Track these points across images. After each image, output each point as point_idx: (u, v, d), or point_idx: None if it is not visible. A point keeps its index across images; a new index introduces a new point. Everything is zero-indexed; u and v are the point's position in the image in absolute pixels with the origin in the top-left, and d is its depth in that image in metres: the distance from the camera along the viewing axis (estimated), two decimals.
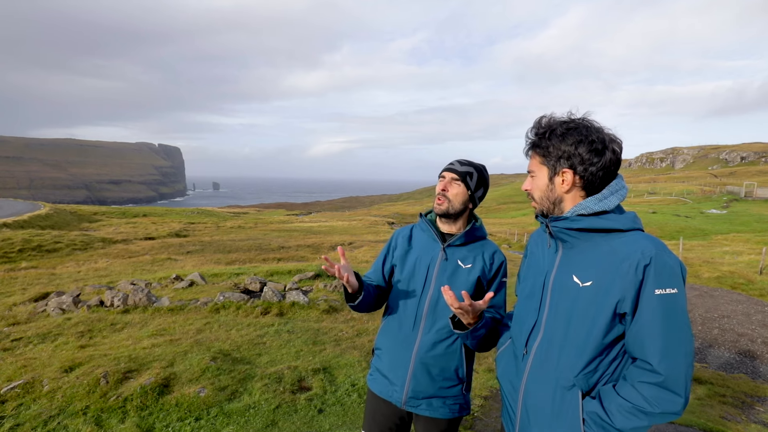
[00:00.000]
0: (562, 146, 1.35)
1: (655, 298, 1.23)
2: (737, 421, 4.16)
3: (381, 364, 1.91)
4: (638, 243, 1.28)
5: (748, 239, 22.44)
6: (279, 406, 3.47)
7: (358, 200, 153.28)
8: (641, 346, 1.26)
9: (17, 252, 18.36)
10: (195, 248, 19.67)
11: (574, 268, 1.37)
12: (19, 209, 35.88)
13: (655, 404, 1.22)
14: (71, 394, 3.46)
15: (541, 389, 1.39)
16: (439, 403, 1.82)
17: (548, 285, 1.43)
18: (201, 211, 57.34)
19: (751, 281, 11.97)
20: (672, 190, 57.07)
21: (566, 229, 1.37)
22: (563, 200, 1.40)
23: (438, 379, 1.80)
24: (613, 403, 1.27)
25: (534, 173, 1.45)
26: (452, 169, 1.82)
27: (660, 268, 1.24)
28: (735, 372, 5.95)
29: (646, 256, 1.24)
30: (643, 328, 1.25)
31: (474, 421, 3.51)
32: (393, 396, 1.84)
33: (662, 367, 1.22)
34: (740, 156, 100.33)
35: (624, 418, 1.24)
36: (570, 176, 1.36)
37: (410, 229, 1.98)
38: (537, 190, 1.44)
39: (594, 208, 1.34)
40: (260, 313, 6.12)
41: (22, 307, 7.18)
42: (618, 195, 1.37)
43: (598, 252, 1.33)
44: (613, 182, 1.38)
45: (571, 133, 1.35)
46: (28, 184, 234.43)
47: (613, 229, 1.33)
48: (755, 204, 39.85)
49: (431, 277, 1.82)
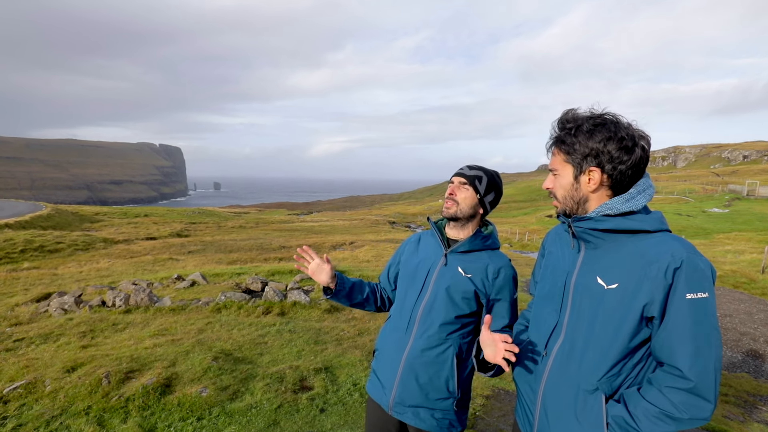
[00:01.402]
0: (589, 143, 1.28)
1: (687, 303, 1.19)
2: (739, 420, 4.16)
3: (377, 364, 1.91)
4: (667, 245, 1.24)
5: (751, 238, 22.39)
6: (281, 405, 3.47)
7: (359, 200, 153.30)
8: (670, 351, 1.22)
9: (19, 252, 18.43)
10: (196, 248, 19.71)
11: (598, 270, 1.32)
12: (21, 210, 35.98)
13: (684, 410, 1.19)
14: (73, 394, 3.46)
15: (562, 392, 1.35)
16: (426, 414, 1.75)
17: (570, 286, 1.38)
18: (202, 211, 57.41)
19: (753, 280, 11.94)
20: (674, 188, 56.96)
21: (591, 229, 1.32)
22: (588, 200, 1.34)
23: (426, 388, 1.74)
24: (639, 407, 1.23)
25: (557, 171, 1.37)
26: (461, 173, 1.81)
27: (691, 272, 1.20)
28: (737, 371, 5.93)
29: (677, 259, 1.20)
30: (672, 333, 1.21)
31: (476, 420, 3.50)
32: (382, 399, 1.82)
33: (693, 374, 1.18)
34: (743, 155, 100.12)
35: (651, 423, 1.21)
36: (597, 175, 1.30)
37: (420, 235, 1.99)
38: (560, 189, 1.37)
39: (621, 209, 1.29)
40: (262, 313, 6.13)
41: (24, 307, 7.20)
42: (645, 194, 1.31)
43: (624, 253, 1.28)
44: (640, 181, 1.32)
45: (600, 130, 1.28)
46: (30, 184, 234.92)
47: (640, 230, 1.28)
48: (757, 203, 39.77)
49: (429, 281, 1.80)
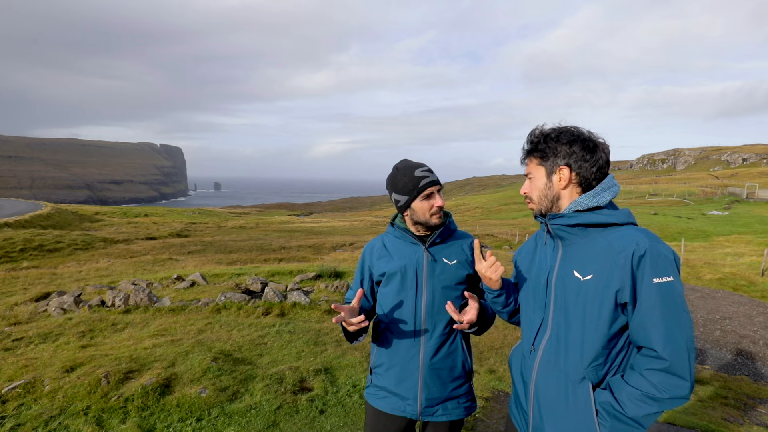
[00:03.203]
0: (557, 146, 1.45)
1: (654, 287, 1.30)
2: (739, 423, 4.15)
3: (385, 381, 1.83)
4: (633, 236, 1.35)
5: (750, 241, 22.39)
6: (280, 406, 3.46)
7: (360, 201, 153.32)
8: (645, 334, 1.31)
9: (19, 251, 18.42)
10: (196, 248, 19.70)
11: (574, 264, 1.43)
12: (21, 209, 35.98)
13: (664, 390, 1.27)
14: (72, 394, 3.46)
15: (552, 384, 1.44)
16: (453, 404, 1.80)
17: (551, 283, 1.48)
18: (202, 212, 57.41)
19: (753, 283, 11.94)
20: (673, 191, 56.99)
21: (564, 225, 1.44)
22: (561, 197, 1.48)
23: (448, 381, 1.79)
24: (623, 392, 1.32)
25: (532, 175, 1.53)
26: (434, 180, 1.77)
27: (655, 258, 1.30)
28: (737, 374, 5.93)
29: (641, 247, 1.31)
30: (644, 316, 1.31)
31: (476, 423, 3.50)
32: (406, 410, 1.78)
33: (667, 353, 1.27)
34: (742, 157, 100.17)
35: (635, 406, 1.29)
36: (567, 173, 1.45)
37: (381, 240, 1.91)
38: (535, 190, 1.51)
39: (589, 204, 1.42)
40: (261, 314, 6.12)
41: (23, 306, 7.18)
42: (610, 191, 1.44)
43: (596, 246, 1.40)
44: (605, 180, 1.46)
45: (564, 135, 1.45)
46: (30, 183, 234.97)
47: (608, 224, 1.40)
48: (757, 205, 39.78)
49: (422, 281, 1.77)
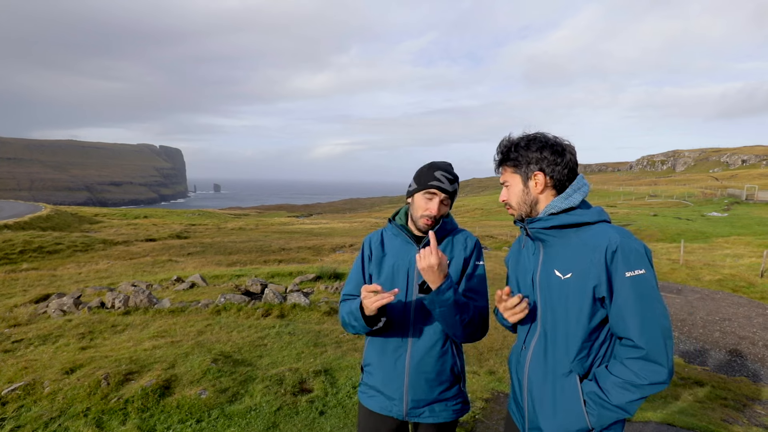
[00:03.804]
0: (529, 154, 1.52)
1: (627, 280, 1.37)
2: (738, 423, 4.16)
3: (374, 380, 1.83)
4: (605, 233, 1.42)
5: (749, 242, 22.39)
6: (280, 408, 3.46)
7: (359, 202, 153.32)
8: (623, 324, 1.38)
9: (18, 253, 18.38)
10: (196, 250, 19.68)
11: (555, 264, 1.50)
12: (20, 210, 35.93)
13: (643, 376, 1.34)
14: (72, 395, 3.46)
15: (542, 379, 1.52)
16: (441, 407, 1.78)
17: (536, 283, 1.56)
18: (202, 213, 57.40)
19: (753, 284, 11.95)
20: (673, 192, 56.98)
21: (542, 228, 1.51)
22: (538, 201, 1.55)
23: (435, 384, 1.76)
24: (607, 381, 1.40)
25: (508, 183, 1.59)
26: (444, 189, 1.74)
27: (627, 253, 1.38)
28: (736, 374, 5.94)
29: (613, 243, 1.39)
30: (621, 308, 1.38)
31: (475, 424, 3.50)
32: (393, 410, 1.79)
33: (643, 341, 1.35)
34: (741, 159, 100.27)
35: (618, 394, 1.37)
36: (542, 177, 1.51)
37: (380, 234, 1.90)
38: (514, 197, 1.58)
39: (561, 206, 1.50)
40: (261, 315, 6.12)
41: (23, 308, 7.18)
42: (581, 192, 1.52)
43: (572, 246, 1.47)
44: (575, 181, 1.53)
45: (534, 142, 1.52)
46: (29, 185, 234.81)
47: (581, 223, 1.47)
48: (756, 207, 39.80)
49: (413, 281, 1.76)
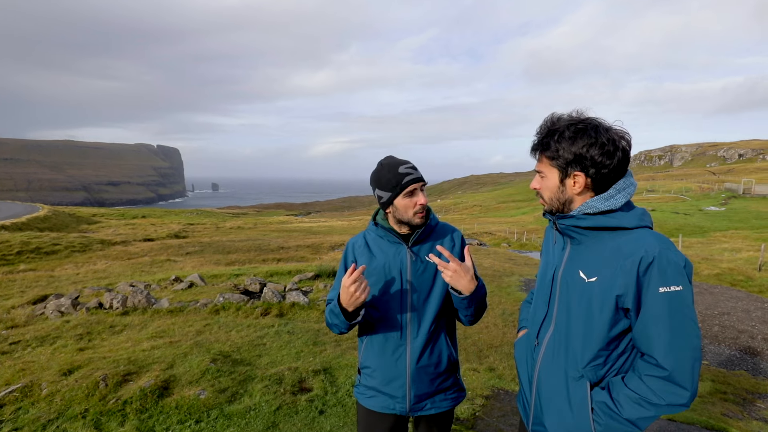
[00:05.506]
0: (572, 149, 1.33)
1: (660, 296, 1.25)
2: (738, 418, 4.16)
3: (374, 381, 1.84)
4: (643, 241, 1.29)
5: (747, 236, 22.45)
6: (280, 407, 3.45)
7: (358, 200, 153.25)
8: (647, 342, 1.28)
9: (15, 254, 18.30)
10: (194, 249, 19.63)
11: (581, 264, 1.40)
12: (18, 211, 35.83)
13: (662, 396, 1.26)
14: (70, 397, 3.44)
15: (553, 379, 1.45)
16: (441, 397, 1.84)
17: (557, 279, 1.47)
18: (200, 212, 57.34)
19: (751, 278, 11.98)
20: (671, 187, 57.04)
21: (573, 227, 1.39)
22: (573, 201, 1.41)
23: (435, 376, 1.81)
24: (621, 393, 1.31)
25: (543, 174, 1.44)
26: (418, 177, 1.75)
27: (664, 267, 1.25)
28: (735, 369, 5.94)
29: (650, 254, 1.25)
30: (648, 325, 1.27)
31: (476, 421, 3.49)
32: (396, 408, 1.81)
33: (667, 363, 1.25)
34: (738, 153, 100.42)
35: (631, 408, 1.28)
36: (582, 179, 1.36)
37: (363, 238, 1.89)
38: (547, 191, 1.44)
39: (600, 207, 1.35)
40: (260, 314, 6.11)
41: (20, 309, 7.15)
42: (625, 193, 1.36)
43: (604, 249, 1.35)
44: (620, 180, 1.37)
45: (581, 136, 1.32)
46: (26, 185, 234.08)
47: (618, 228, 1.34)
48: (753, 201, 39.89)
49: (406, 281, 1.77)
